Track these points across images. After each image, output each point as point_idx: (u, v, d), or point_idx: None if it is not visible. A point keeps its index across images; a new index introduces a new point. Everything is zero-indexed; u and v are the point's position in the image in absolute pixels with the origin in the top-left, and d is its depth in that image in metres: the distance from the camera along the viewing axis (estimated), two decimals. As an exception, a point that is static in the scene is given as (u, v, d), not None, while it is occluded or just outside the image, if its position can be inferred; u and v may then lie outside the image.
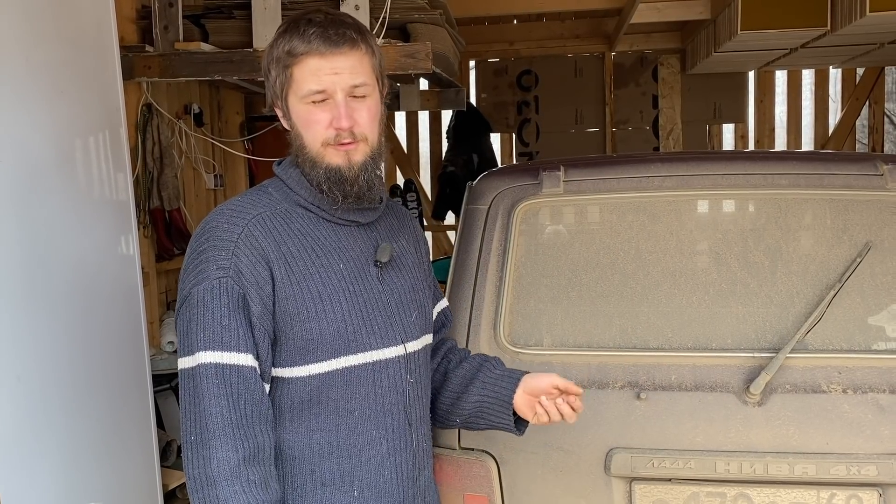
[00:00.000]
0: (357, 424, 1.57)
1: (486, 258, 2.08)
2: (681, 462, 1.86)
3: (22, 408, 2.06)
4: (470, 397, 1.74)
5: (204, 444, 1.45)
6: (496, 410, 1.73)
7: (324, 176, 1.56)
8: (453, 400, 1.77)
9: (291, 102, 1.58)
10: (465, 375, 1.77)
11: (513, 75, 6.85)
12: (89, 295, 2.40)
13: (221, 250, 1.50)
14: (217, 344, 1.47)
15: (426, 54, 3.33)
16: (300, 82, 1.55)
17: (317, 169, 1.56)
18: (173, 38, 3.50)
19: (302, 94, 1.55)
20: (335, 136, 1.54)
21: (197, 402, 1.46)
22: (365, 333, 1.57)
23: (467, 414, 1.76)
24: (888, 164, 2.07)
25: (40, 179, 2.21)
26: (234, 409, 1.46)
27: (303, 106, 1.55)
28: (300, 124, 1.57)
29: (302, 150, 1.58)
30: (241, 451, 1.45)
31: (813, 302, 1.96)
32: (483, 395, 1.73)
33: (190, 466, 1.46)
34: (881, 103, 6.87)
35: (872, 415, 1.86)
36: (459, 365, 1.80)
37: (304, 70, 1.54)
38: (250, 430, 1.47)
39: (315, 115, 1.55)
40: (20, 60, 2.15)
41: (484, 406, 1.73)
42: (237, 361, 1.47)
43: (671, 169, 2.13)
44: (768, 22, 4.40)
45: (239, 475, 1.44)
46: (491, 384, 1.73)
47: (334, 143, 1.55)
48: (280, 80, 1.57)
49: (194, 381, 1.47)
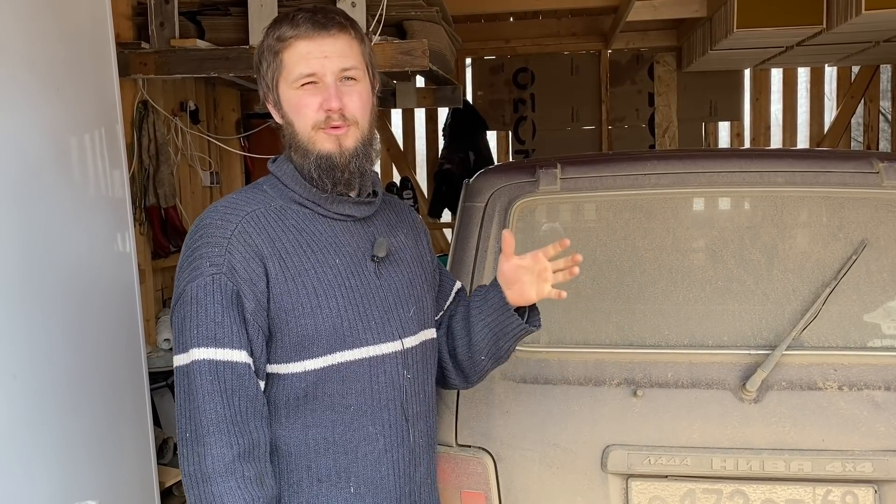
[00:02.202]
0: (353, 420, 1.57)
1: (483, 256, 2.08)
2: (677, 459, 1.87)
3: (18, 405, 2.05)
4: (476, 329, 1.70)
5: (199, 441, 1.45)
6: (503, 321, 1.68)
7: (314, 163, 1.56)
8: (467, 343, 1.72)
9: (282, 90, 1.58)
10: (461, 321, 1.74)
11: (509, 73, 6.85)
12: (85, 292, 2.40)
13: (215, 247, 1.51)
14: (211, 340, 1.47)
15: (423, 52, 3.33)
16: (290, 67, 1.56)
17: (308, 157, 1.57)
18: (169, 35, 3.49)
19: (292, 79, 1.56)
20: (325, 119, 1.55)
21: (191, 398, 1.47)
22: (361, 329, 1.57)
23: (486, 345, 1.70)
24: (883, 162, 2.08)
25: (36, 177, 2.21)
26: (228, 405, 1.46)
27: (293, 91, 1.56)
28: (291, 111, 1.58)
29: (294, 139, 1.58)
30: (236, 447, 1.45)
31: (809, 299, 1.97)
32: (484, 320, 1.69)
33: (186, 463, 1.47)
34: (876, 101, 6.89)
35: (868, 412, 1.87)
36: (453, 319, 1.77)
37: (294, 54, 1.55)
38: (245, 427, 1.47)
39: (305, 99, 1.55)
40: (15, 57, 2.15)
41: (492, 325, 1.69)
42: (231, 358, 1.47)
43: (667, 167, 2.13)
44: (764, 20, 4.41)
45: (234, 471, 1.44)
46: (482, 306, 1.69)
47: (325, 127, 1.55)
48: (271, 69, 1.58)
49: (189, 378, 1.47)
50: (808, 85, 6.99)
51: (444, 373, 1.80)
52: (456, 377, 1.79)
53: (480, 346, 1.72)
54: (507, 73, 6.86)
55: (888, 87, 7.55)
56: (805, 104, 7.12)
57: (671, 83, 6.65)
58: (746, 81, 6.84)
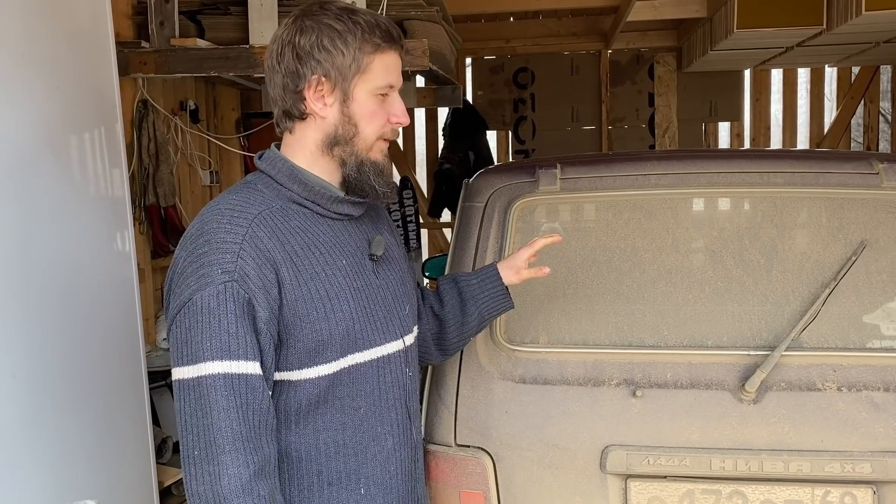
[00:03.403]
0: (363, 421, 1.55)
1: (483, 255, 2.08)
2: (676, 459, 1.87)
3: (17, 404, 2.05)
4: (471, 316, 1.85)
5: (212, 460, 1.36)
6: (496, 306, 1.87)
7: (371, 169, 1.57)
8: (459, 328, 1.86)
9: (358, 91, 1.54)
10: (455, 304, 1.85)
11: (509, 73, 6.85)
12: (85, 291, 2.40)
13: (226, 253, 1.42)
14: (225, 353, 1.39)
15: (423, 51, 3.33)
16: (378, 73, 1.54)
17: (364, 163, 1.57)
18: (169, 35, 3.49)
19: (377, 86, 1.55)
20: (391, 132, 1.59)
21: (203, 414, 1.37)
22: (370, 330, 1.55)
23: (474, 326, 1.87)
24: (883, 163, 2.08)
25: (35, 175, 2.20)
26: (243, 421, 1.38)
27: (373, 97, 1.55)
28: (362, 115, 1.55)
29: (349, 141, 1.56)
30: (252, 465, 1.38)
31: (808, 300, 1.97)
32: (479, 306, 1.85)
33: (194, 483, 1.37)
34: (876, 102, 6.89)
35: (867, 412, 1.87)
36: (442, 302, 1.86)
37: (385, 62, 1.56)
38: (258, 443, 1.40)
39: (381, 108, 1.57)
40: (16, 56, 2.15)
41: (483, 311, 1.86)
42: (246, 371, 1.40)
43: (667, 167, 2.13)
44: (764, 21, 4.41)
45: (251, 491, 1.37)
46: (480, 293, 1.85)
47: (384, 138, 1.59)
48: (355, 65, 1.53)
49: (199, 393, 1.38)
50: (809, 85, 6.99)
51: (424, 356, 1.86)
52: (436, 357, 1.90)
53: (470, 327, 1.86)
54: (507, 72, 6.85)
55: (888, 88, 7.55)
56: (805, 105, 7.12)
57: (671, 83, 6.65)
58: (746, 82, 6.84)
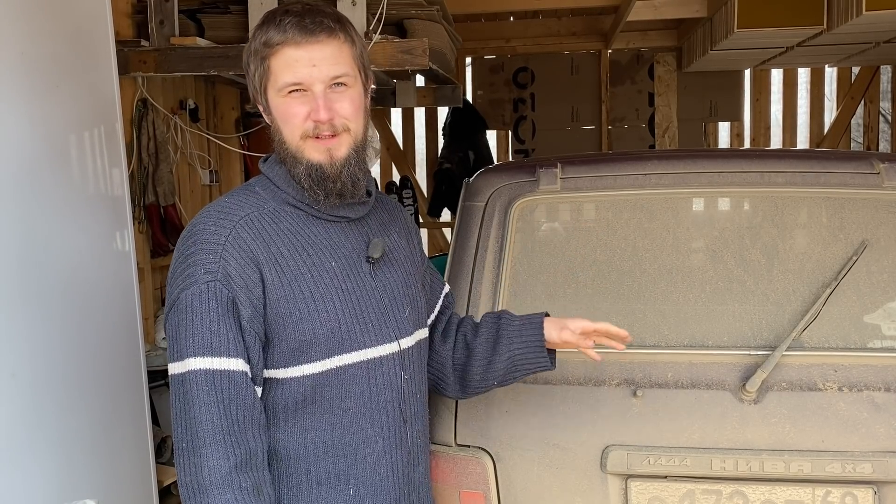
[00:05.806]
0: (352, 423, 1.56)
1: (483, 255, 2.08)
2: (677, 459, 1.87)
3: (17, 404, 2.05)
4: (500, 357, 1.75)
5: (195, 452, 1.43)
6: (531, 358, 1.75)
7: (304, 173, 1.53)
8: (485, 366, 1.76)
9: (270, 96, 1.54)
10: (489, 338, 1.77)
11: (509, 72, 6.85)
12: (84, 291, 2.39)
13: (209, 253, 1.48)
14: (207, 349, 1.45)
15: (423, 51, 3.33)
16: (277, 74, 1.52)
17: (298, 165, 1.53)
18: (169, 33, 3.49)
19: (279, 87, 1.52)
20: (314, 129, 1.52)
21: (188, 408, 1.44)
22: (359, 332, 1.56)
23: (502, 372, 1.76)
24: (884, 163, 2.08)
25: (34, 175, 2.20)
26: (225, 415, 1.44)
27: (281, 99, 1.52)
28: (279, 118, 1.54)
29: (282, 146, 1.55)
30: (233, 458, 1.43)
31: (809, 300, 1.96)
32: (513, 349, 1.74)
33: (182, 473, 1.45)
34: (876, 102, 6.89)
35: (868, 413, 1.86)
36: (477, 332, 1.79)
37: (280, 61, 1.51)
38: (242, 437, 1.45)
39: (293, 107, 1.52)
40: (14, 55, 2.14)
41: (516, 358, 1.75)
42: (227, 367, 1.45)
43: (667, 167, 2.13)
44: (764, 20, 4.41)
45: (231, 483, 1.42)
46: (517, 337, 1.75)
47: (313, 136, 1.52)
48: (259, 74, 1.54)
49: (184, 388, 1.45)
50: (809, 85, 6.99)
51: (441, 383, 1.81)
52: (453, 389, 1.82)
53: (497, 370, 1.76)
54: (507, 72, 6.85)
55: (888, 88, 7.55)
56: (805, 105, 7.12)
57: (671, 83, 6.65)
58: (746, 82, 6.84)
